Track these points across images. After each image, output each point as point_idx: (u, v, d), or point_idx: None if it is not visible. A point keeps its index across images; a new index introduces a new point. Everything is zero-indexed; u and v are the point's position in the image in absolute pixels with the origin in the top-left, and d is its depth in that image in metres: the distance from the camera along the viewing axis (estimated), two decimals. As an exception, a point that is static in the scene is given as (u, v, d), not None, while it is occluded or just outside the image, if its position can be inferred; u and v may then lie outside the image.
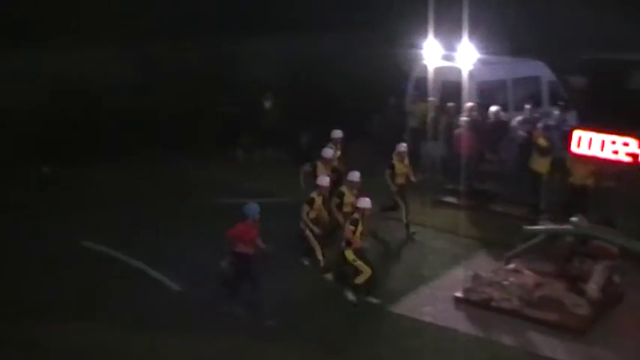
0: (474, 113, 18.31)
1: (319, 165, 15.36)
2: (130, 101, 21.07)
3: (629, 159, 14.57)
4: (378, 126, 21.11)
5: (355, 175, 14.37)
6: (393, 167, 15.78)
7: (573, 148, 15.39)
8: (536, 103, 20.18)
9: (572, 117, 20.33)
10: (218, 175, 19.91)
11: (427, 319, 12.50)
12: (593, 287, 12.79)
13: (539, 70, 21.18)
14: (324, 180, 14.35)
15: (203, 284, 13.09)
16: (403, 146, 15.96)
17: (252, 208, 12.23)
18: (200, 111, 21.89)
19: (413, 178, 16.11)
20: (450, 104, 18.84)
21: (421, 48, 19.81)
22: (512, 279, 13.13)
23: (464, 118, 18.10)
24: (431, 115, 19.08)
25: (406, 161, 16.00)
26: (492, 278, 13.17)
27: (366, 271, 12.81)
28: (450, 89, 19.48)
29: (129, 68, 21.80)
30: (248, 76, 22.80)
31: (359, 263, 12.84)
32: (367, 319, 12.43)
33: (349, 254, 12.86)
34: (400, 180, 15.85)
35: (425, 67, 19.18)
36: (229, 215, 12.56)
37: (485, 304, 12.72)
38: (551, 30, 28.30)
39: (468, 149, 17.85)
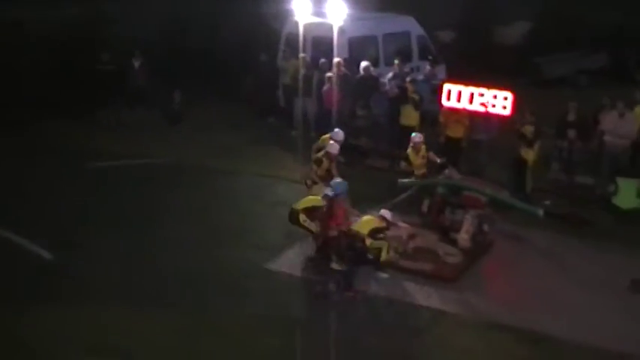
0: (343, 69, 18.36)
1: (324, 160, 14.64)
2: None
3: (497, 111, 14.99)
4: (250, 84, 20.95)
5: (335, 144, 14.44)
6: (407, 159, 15.16)
7: (443, 101, 15.71)
8: (406, 57, 20.46)
9: (441, 71, 20.76)
10: (88, 137, 19.28)
11: (305, 274, 12.57)
12: (464, 237, 13.19)
13: (409, 25, 21.44)
14: (334, 147, 14.42)
15: (73, 252, 12.71)
16: (418, 137, 15.16)
17: (342, 184, 12.74)
18: (71, 71, 20.99)
19: (438, 159, 15.25)
20: (323, 60, 18.82)
21: (291, 4, 19.65)
22: (387, 232, 13.33)
23: (329, 75, 18.12)
24: (302, 71, 19.01)
25: (422, 152, 15.16)
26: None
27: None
28: (321, 45, 19.44)
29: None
30: (121, 36, 22.05)
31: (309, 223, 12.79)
32: (244, 278, 12.34)
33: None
34: (420, 170, 15.18)
35: (296, 23, 19.04)
36: (98, 179, 12.19)
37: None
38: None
39: (337, 104, 17.93)
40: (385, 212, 12.84)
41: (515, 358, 10.37)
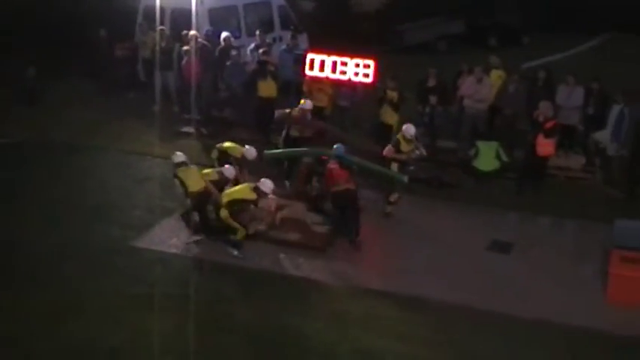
0: (200, 40, 18.03)
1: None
2: None
3: (360, 78, 15.07)
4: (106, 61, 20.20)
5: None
6: (398, 145, 13.74)
7: (307, 71, 15.67)
8: (268, 27, 20.31)
9: (303, 40, 20.73)
10: None
11: (173, 250, 12.35)
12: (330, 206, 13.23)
13: (269, -6, 21.27)
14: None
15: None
16: (412, 129, 13.79)
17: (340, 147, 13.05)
18: None
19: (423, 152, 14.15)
20: (184, 32, 18.36)
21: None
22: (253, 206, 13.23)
23: (186, 48, 17.74)
24: (162, 44, 18.52)
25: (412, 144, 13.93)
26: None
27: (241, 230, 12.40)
28: (181, 17, 19.00)
29: None
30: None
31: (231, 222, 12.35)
32: (110, 256, 12.02)
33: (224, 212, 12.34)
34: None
35: (153, -5, 18.50)
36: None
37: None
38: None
39: (198, 78, 17.62)
40: (264, 182, 12.59)
41: (387, 320, 10.51)
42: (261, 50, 17.46)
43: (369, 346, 9.94)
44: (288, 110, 14.88)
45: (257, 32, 18.98)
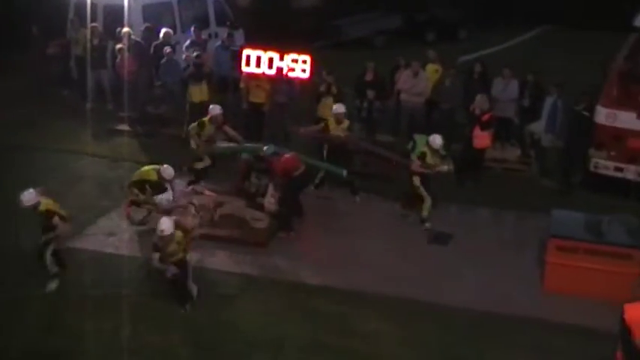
0: (134, 38, 17.76)
1: None
2: None
3: (297, 74, 14.99)
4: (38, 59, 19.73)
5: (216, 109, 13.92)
6: (424, 157, 13.24)
7: (243, 67, 15.52)
8: (204, 23, 20.10)
9: (240, 36, 20.56)
10: None
11: (109, 250, 12.15)
12: (270, 201, 13.14)
13: (205, -10, 21.04)
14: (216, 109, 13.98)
15: None
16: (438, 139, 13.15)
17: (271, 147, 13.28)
18: None
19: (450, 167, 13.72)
20: (118, 30, 18.03)
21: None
22: (194, 201, 13.09)
23: (119, 46, 17.46)
24: (95, 41, 18.17)
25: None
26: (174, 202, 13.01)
27: None
28: (114, 13, 18.67)
29: None
30: None
31: None
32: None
33: None
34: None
35: (84, -9, 18.14)
36: None
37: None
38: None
39: (133, 75, 17.36)
40: (165, 169, 12.66)
41: (327, 315, 10.49)
42: (195, 54, 17.15)
43: (310, 341, 9.90)
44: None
45: (192, 28, 18.75)
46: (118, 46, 17.42)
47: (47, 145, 16.33)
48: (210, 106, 14.16)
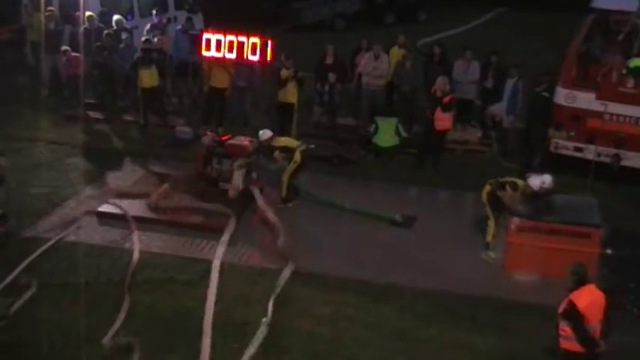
0: (96, 22, 17.53)
1: None
2: None
3: (256, 58, 14.88)
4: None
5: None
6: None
7: (203, 51, 15.35)
8: (163, 8, 19.85)
9: (199, 20, 20.33)
10: None
11: (70, 238, 11.92)
12: (233, 186, 13.05)
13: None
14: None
15: None
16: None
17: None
18: None
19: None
20: (78, 14, 17.73)
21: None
22: (153, 187, 12.97)
23: (107, 32, 17.19)
24: (51, 26, 17.84)
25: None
26: (133, 189, 12.88)
27: None
28: (71, -3, 18.37)
29: None
30: None
31: None
32: (5, 247, 11.54)
33: None
34: None
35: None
36: None
37: (129, 216, 12.43)
38: None
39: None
40: None
41: (291, 299, 10.44)
42: (143, 38, 16.89)
43: (273, 325, 9.82)
44: None
45: (154, 12, 18.51)
46: (106, 31, 17.19)
47: (2, 132, 15.93)
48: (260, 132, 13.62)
